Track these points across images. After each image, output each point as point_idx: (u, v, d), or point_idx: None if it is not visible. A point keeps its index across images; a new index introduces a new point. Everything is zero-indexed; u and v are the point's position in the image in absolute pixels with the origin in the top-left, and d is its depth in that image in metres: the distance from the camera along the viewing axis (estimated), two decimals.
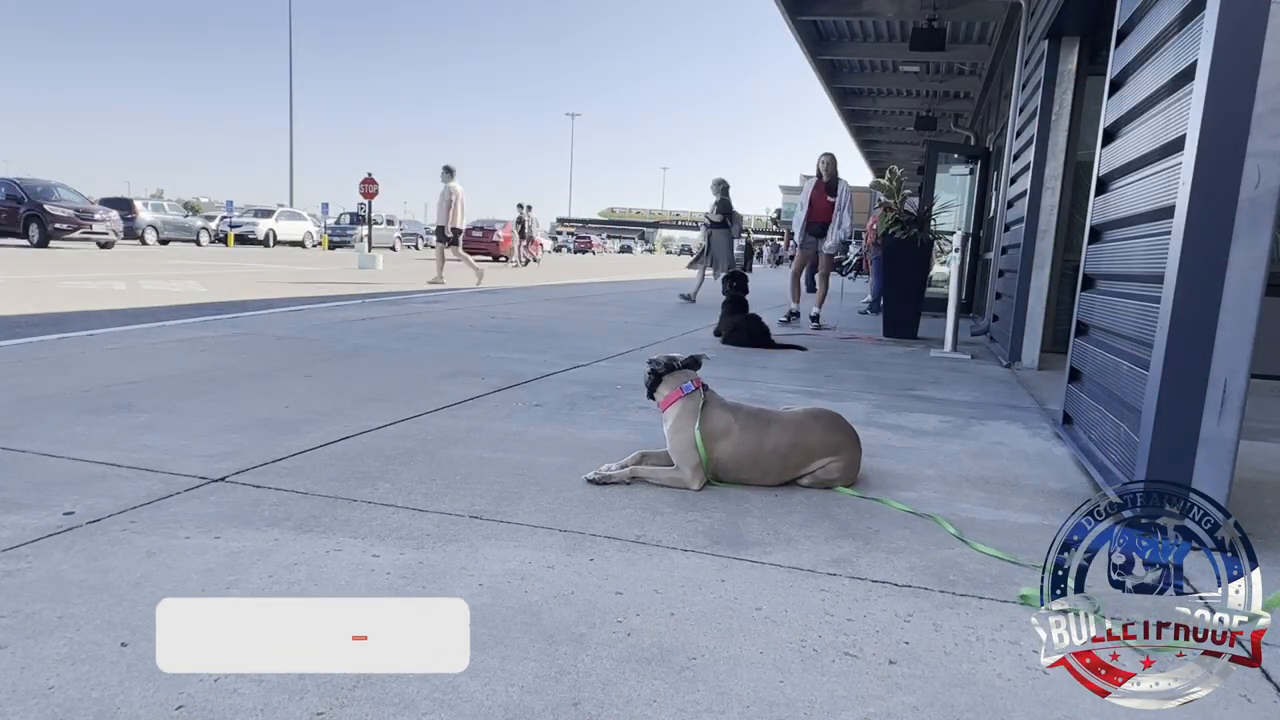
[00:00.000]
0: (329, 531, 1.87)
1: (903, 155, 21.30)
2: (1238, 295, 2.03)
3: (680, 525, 2.04)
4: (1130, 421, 2.43)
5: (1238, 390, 2.05)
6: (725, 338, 6.13)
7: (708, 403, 2.39)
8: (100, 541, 1.75)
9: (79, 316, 6.09)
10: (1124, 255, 2.85)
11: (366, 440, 2.69)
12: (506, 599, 1.57)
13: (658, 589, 1.66)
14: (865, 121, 18.36)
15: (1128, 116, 2.99)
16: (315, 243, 29.44)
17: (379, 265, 16.07)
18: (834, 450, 2.40)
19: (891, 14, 10.57)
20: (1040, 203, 5.57)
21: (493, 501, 2.14)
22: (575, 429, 3.02)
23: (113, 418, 2.80)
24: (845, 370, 5.02)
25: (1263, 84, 1.96)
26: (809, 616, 1.57)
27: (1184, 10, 2.38)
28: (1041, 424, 3.59)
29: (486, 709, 1.21)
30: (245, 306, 7.24)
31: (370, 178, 17.90)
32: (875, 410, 3.70)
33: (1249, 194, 1.99)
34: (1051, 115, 5.52)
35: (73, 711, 1.15)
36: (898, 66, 13.36)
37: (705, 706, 1.25)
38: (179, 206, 30.39)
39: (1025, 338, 5.66)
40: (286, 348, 4.72)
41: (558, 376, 4.15)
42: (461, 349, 5.04)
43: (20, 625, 1.38)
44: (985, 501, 2.38)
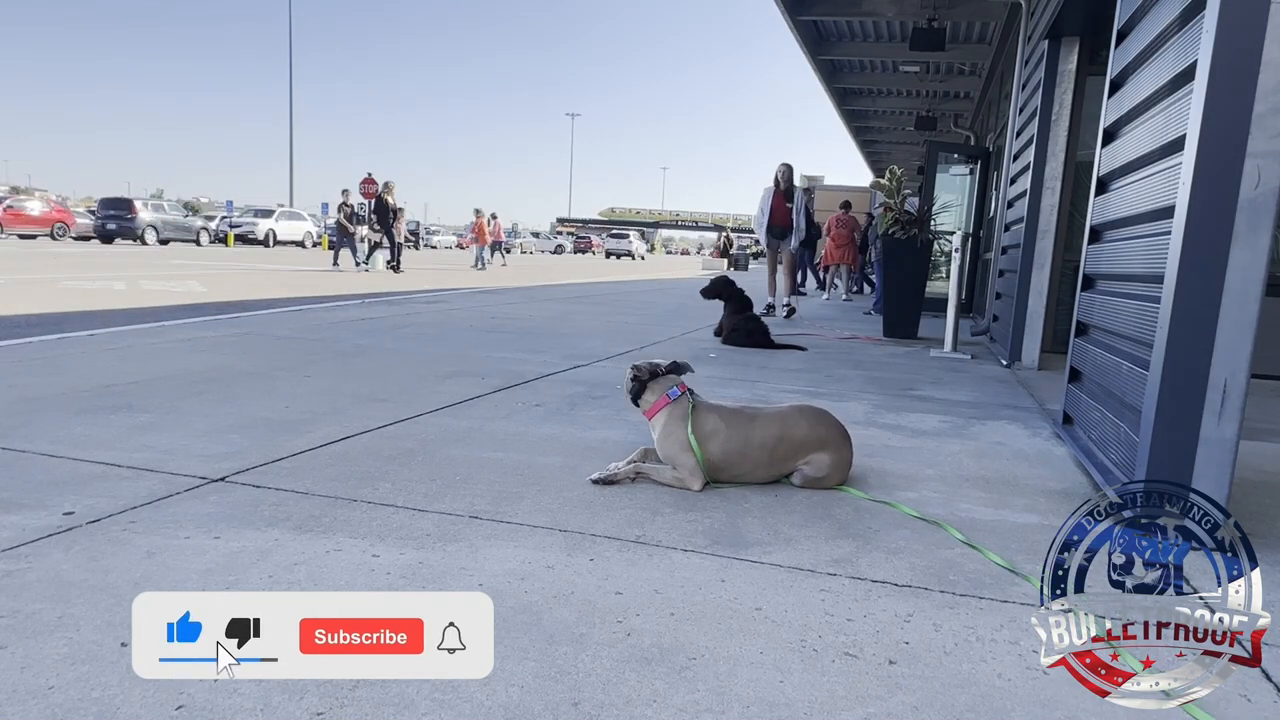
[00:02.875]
0: (329, 531, 1.87)
1: (903, 155, 21.30)
2: (1238, 295, 2.03)
3: (680, 525, 2.04)
4: (1130, 421, 2.43)
5: (1238, 390, 2.05)
6: (725, 338, 6.13)
7: (696, 406, 2.40)
8: (100, 541, 1.75)
9: (79, 316, 6.09)
10: (1124, 255, 2.85)
11: (366, 440, 2.69)
12: (506, 599, 1.56)
13: (658, 589, 1.66)
14: (865, 121, 18.37)
15: (1128, 116, 2.99)
16: (315, 243, 29.44)
17: (379, 265, 16.08)
18: (821, 443, 2.40)
19: (891, 14, 10.56)
20: (1040, 203, 5.57)
21: (493, 501, 2.14)
22: (575, 429, 3.02)
23: (113, 418, 2.80)
24: (845, 370, 5.02)
25: (1263, 84, 1.96)
26: (809, 616, 1.57)
27: (1184, 10, 2.38)
28: (1042, 424, 3.59)
29: (486, 709, 1.21)
30: (245, 306, 7.23)
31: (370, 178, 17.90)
32: (875, 410, 3.70)
33: (1249, 194, 1.99)
34: (1051, 115, 5.52)
35: (73, 711, 1.15)
36: (898, 66, 13.36)
37: (705, 706, 1.25)
38: (179, 206, 30.41)
39: (1025, 338, 5.66)
40: (286, 348, 4.72)
41: (558, 376, 4.15)
42: (461, 349, 5.04)
43: (20, 625, 1.38)
44: (985, 502, 2.38)
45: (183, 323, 5.70)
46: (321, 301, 8.05)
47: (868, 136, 20.35)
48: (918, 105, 16.04)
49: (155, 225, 24.04)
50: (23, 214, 24.67)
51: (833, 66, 13.88)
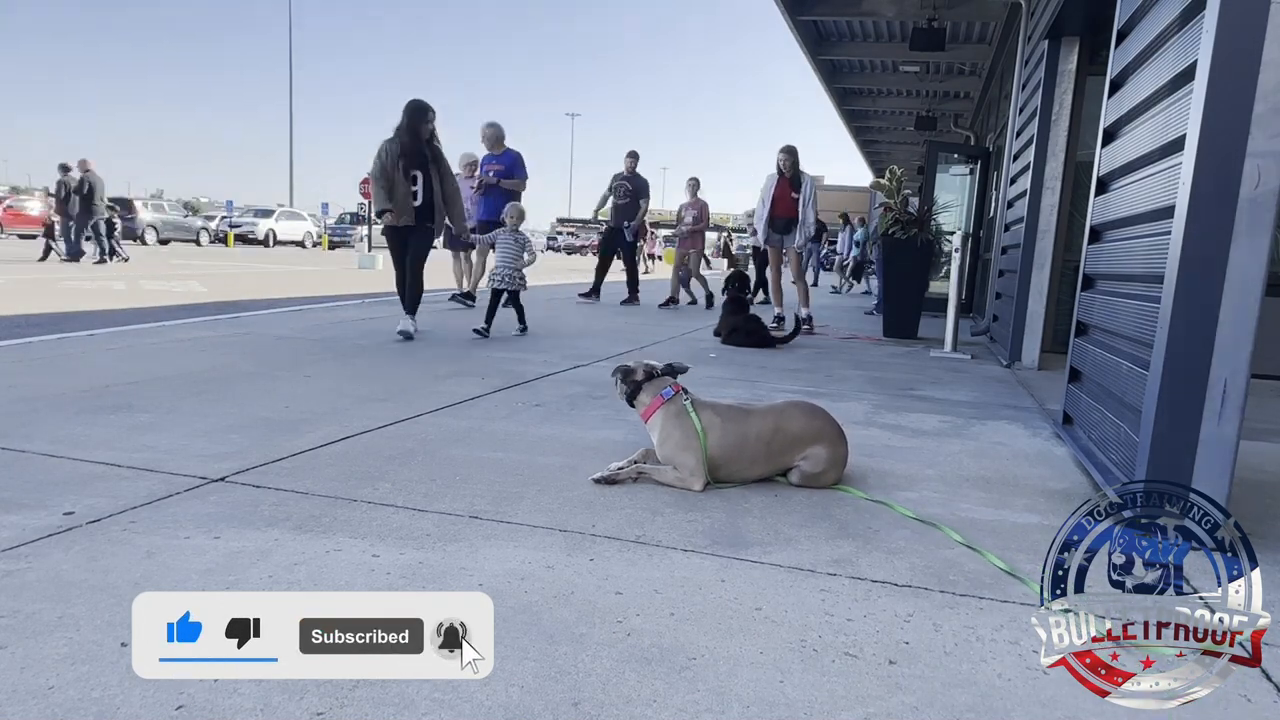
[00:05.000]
0: (329, 531, 1.87)
1: (903, 155, 21.30)
2: (1238, 295, 2.03)
3: (680, 525, 2.04)
4: (1130, 421, 2.43)
5: (1238, 390, 2.05)
6: (725, 338, 6.13)
7: (695, 402, 2.40)
8: (100, 541, 1.75)
9: (79, 316, 6.09)
10: (1124, 255, 2.85)
11: (366, 440, 2.69)
12: (506, 599, 1.56)
13: (658, 589, 1.66)
14: (865, 121, 18.36)
15: (1128, 116, 2.99)
16: (315, 243, 29.44)
17: (379, 265, 16.07)
18: (816, 436, 2.40)
19: (891, 14, 10.56)
20: (1040, 203, 5.57)
21: (493, 501, 2.14)
22: (575, 429, 3.02)
23: (113, 418, 2.80)
24: (845, 370, 5.02)
25: (1263, 84, 1.96)
26: (809, 616, 1.57)
27: (1184, 10, 2.38)
28: (1042, 424, 3.59)
29: (486, 709, 1.21)
30: (245, 306, 7.23)
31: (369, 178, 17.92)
32: (875, 410, 3.70)
33: (1249, 194, 1.99)
34: (1051, 115, 5.52)
35: (73, 711, 1.15)
36: (898, 66, 13.36)
37: (705, 706, 1.25)
38: (179, 206, 30.40)
39: (1025, 338, 5.66)
40: (286, 348, 4.72)
41: (558, 376, 4.15)
42: (461, 349, 5.04)
43: (20, 625, 1.38)
44: (985, 502, 2.38)
45: (183, 323, 5.70)
46: (321, 301, 8.05)
47: (868, 136, 20.35)
48: (918, 105, 16.03)
49: (155, 225, 24.02)
50: (23, 214, 24.66)
51: (833, 66, 13.88)
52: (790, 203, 7.16)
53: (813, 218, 7.19)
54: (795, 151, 7.18)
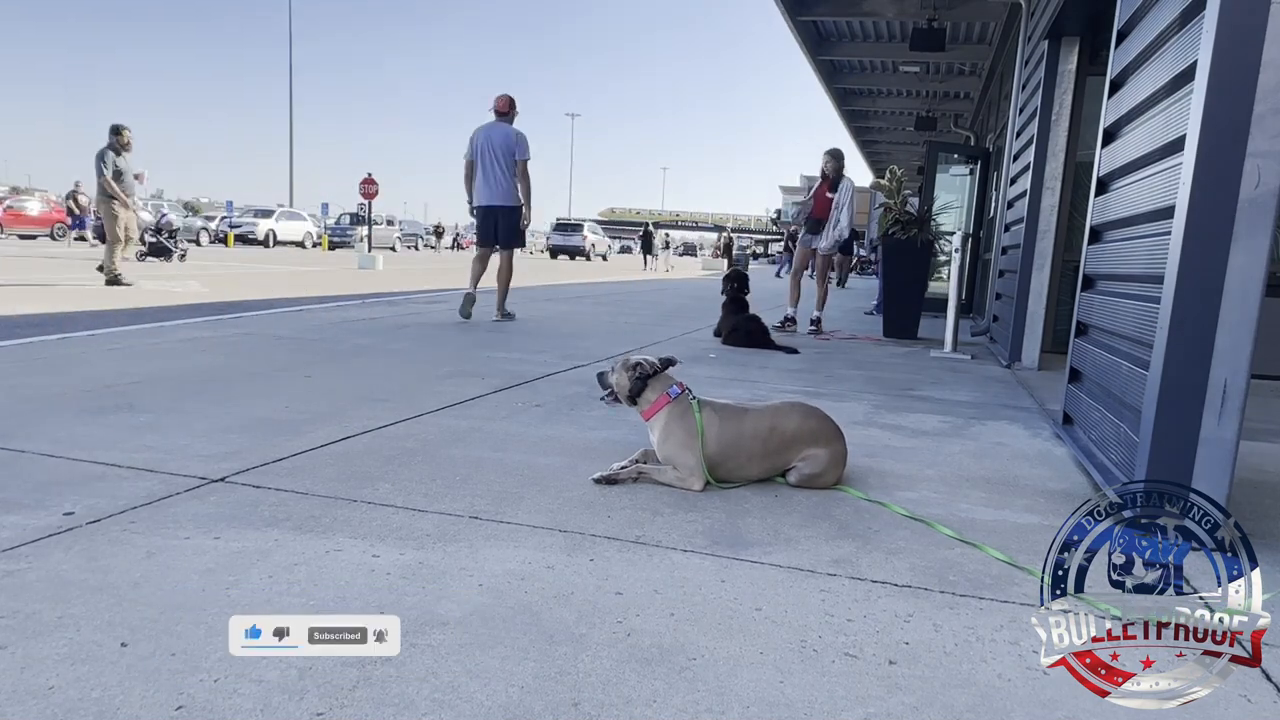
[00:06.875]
0: (329, 532, 1.87)
1: (903, 155, 21.31)
2: (1238, 295, 2.03)
3: (680, 525, 2.04)
4: (1130, 422, 2.43)
5: (1238, 390, 2.05)
6: (725, 338, 6.13)
7: (700, 403, 2.40)
8: (100, 542, 1.75)
9: (79, 316, 6.09)
10: (1124, 256, 2.85)
11: (366, 440, 2.69)
12: (506, 599, 1.56)
13: (658, 589, 1.66)
14: (865, 122, 18.38)
15: (1128, 117, 2.99)
16: (315, 243, 29.45)
17: (379, 265, 16.09)
18: (813, 437, 2.40)
19: (891, 14, 10.57)
20: (1040, 203, 5.57)
21: (493, 502, 2.14)
22: (575, 429, 3.02)
23: (113, 418, 2.80)
24: (845, 371, 5.02)
25: (1263, 84, 1.96)
26: (809, 617, 1.57)
27: (1184, 10, 2.38)
28: (1042, 424, 3.59)
29: (486, 709, 1.21)
30: (245, 306, 7.23)
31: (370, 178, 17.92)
32: (875, 410, 3.70)
33: (1249, 194, 1.99)
34: (1051, 115, 5.53)
35: (73, 711, 1.15)
36: (898, 67, 13.37)
37: (705, 706, 1.25)
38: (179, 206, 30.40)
39: (1025, 338, 5.67)
40: (286, 348, 4.72)
41: (558, 376, 4.15)
42: (461, 349, 5.04)
43: (20, 625, 1.38)
44: (986, 502, 2.38)
45: (183, 323, 5.69)
46: (322, 302, 8.05)
47: (868, 137, 20.36)
48: (918, 105, 16.05)
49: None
50: (23, 214, 24.66)
51: (833, 67, 13.89)
52: (826, 203, 7.16)
53: (846, 220, 7.09)
54: (840, 155, 7.19)
